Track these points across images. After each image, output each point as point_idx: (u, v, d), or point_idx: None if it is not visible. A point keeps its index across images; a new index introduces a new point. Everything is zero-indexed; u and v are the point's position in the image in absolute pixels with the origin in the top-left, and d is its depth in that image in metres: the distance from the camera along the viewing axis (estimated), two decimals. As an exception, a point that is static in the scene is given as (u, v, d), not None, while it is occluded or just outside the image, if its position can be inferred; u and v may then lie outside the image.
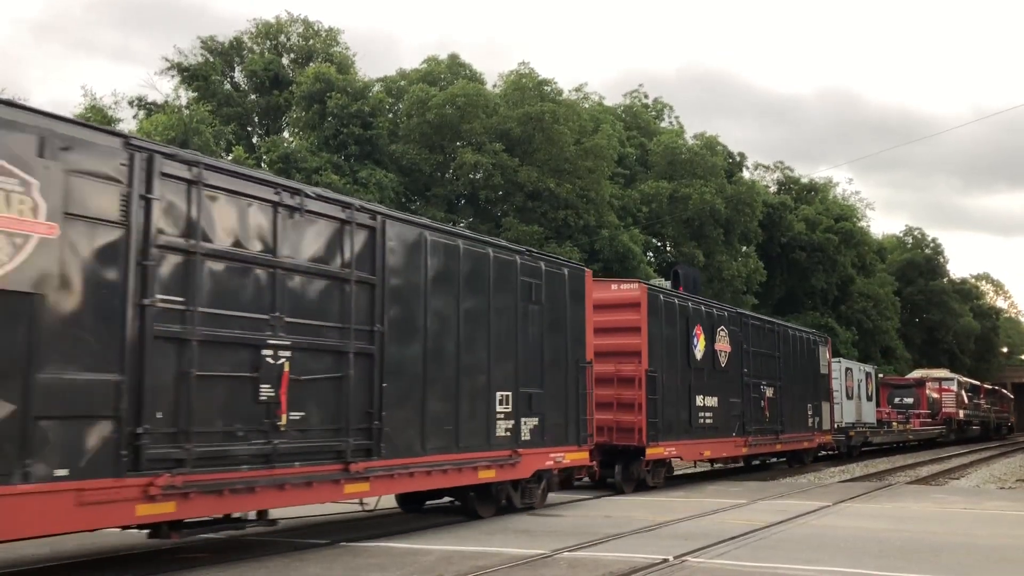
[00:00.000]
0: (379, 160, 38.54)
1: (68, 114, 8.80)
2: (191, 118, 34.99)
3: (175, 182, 8.37)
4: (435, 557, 9.50)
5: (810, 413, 26.04)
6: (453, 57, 43.71)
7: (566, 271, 14.67)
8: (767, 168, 63.88)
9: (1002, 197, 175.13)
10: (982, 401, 50.84)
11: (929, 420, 40.44)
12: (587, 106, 47.11)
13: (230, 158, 36.36)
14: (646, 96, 59.65)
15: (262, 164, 37.96)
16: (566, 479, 15.15)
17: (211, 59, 41.25)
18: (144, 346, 7.93)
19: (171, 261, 8.27)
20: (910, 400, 40.04)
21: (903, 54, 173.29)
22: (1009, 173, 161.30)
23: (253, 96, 41.95)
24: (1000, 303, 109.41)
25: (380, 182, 36.86)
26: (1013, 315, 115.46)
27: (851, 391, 32.38)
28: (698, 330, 19.23)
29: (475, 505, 12.98)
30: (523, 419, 13.18)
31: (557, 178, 39.40)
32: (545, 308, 13.84)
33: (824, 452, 29.34)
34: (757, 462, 25.63)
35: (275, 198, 9.41)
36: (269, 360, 9.10)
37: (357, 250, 10.40)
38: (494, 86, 43.13)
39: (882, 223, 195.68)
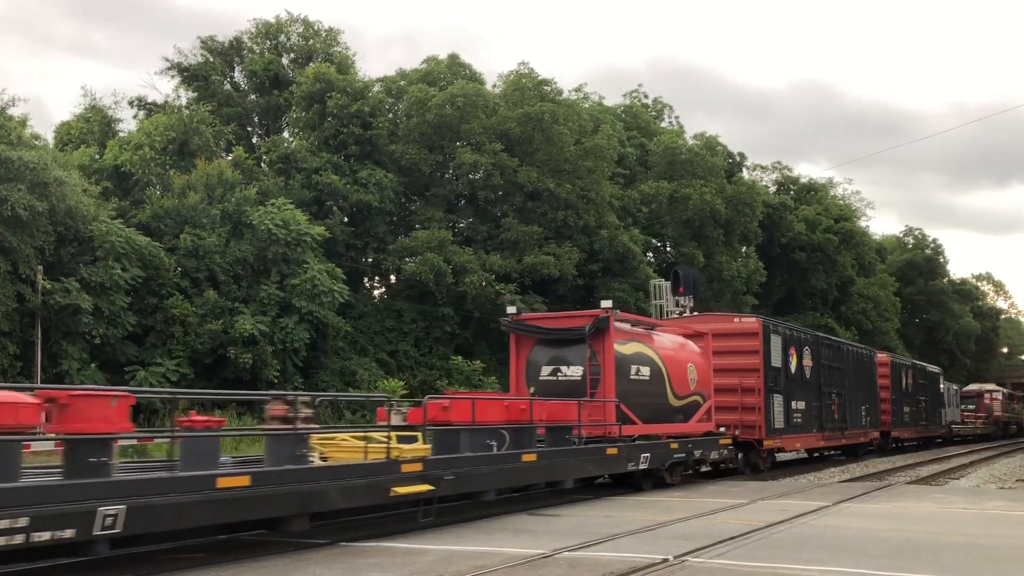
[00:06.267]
0: (379, 160, 38.49)
1: (69, 115, 8.92)
2: (191, 118, 34.93)
3: (817, 346, 26.74)
4: (435, 557, 9.49)
5: (937, 416, 44.33)
6: (453, 57, 43.66)
7: (870, 352, 33.70)
8: (764, 169, 63.81)
9: (988, 194, 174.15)
10: (1016, 405, 64.73)
11: (985, 420, 54.66)
12: (587, 106, 47.05)
13: (230, 158, 36.34)
14: (646, 96, 59.64)
15: (262, 164, 37.95)
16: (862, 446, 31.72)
17: (211, 59, 41.20)
18: (822, 393, 26.54)
19: (825, 369, 27.07)
20: (972, 406, 54.36)
21: (879, 48, 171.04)
22: (994, 170, 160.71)
23: (253, 96, 41.90)
24: (1000, 303, 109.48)
25: (380, 182, 36.84)
26: (1013, 315, 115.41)
27: (948, 401, 48.47)
28: (903, 373, 37.90)
29: (848, 454, 30.59)
30: (867, 416, 31.05)
31: (557, 178, 39.34)
32: (866, 369, 31.88)
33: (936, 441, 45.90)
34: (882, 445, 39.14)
35: (832, 343, 29.25)
36: (832, 396, 27.34)
37: (839, 356, 28.72)
38: (494, 86, 43.08)
39: (869, 221, 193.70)
